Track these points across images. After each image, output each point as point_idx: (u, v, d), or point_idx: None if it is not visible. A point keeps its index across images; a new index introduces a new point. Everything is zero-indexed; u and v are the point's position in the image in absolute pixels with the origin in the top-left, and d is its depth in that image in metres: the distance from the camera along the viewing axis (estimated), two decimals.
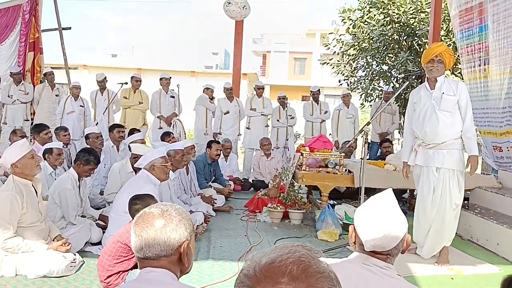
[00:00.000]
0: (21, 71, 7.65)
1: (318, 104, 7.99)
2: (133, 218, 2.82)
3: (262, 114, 7.79)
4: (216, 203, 5.40)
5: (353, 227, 1.56)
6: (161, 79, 7.64)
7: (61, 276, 3.02)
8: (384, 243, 1.46)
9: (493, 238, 4.04)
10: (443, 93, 3.52)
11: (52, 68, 7.95)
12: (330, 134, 7.40)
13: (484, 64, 6.08)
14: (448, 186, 3.56)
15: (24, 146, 3.18)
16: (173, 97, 7.59)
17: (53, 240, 3.26)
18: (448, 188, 3.57)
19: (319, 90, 8.14)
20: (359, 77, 12.95)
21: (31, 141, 5.65)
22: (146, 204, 2.79)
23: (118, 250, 2.65)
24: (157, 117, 7.53)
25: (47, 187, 3.96)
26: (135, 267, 2.70)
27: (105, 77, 7.65)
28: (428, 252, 3.72)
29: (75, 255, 3.23)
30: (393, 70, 11.94)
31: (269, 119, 8.19)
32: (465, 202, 4.27)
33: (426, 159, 3.64)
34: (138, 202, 2.83)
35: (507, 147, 5.72)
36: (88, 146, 5.20)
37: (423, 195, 3.70)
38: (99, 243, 3.63)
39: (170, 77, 7.72)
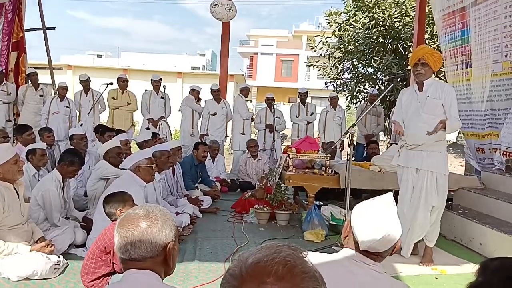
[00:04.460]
0: (4, 71, 7.51)
1: (305, 106, 8.05)
2: (109, 217, 2.84)
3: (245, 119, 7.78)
4: (202, 205, 5.39)
5: (349, 223, 1.59)
6: (151, 80, 7.62)
7: (44, 279, 2.97)
8: (380, 245, 1.52)
9: (476, 238, 4.11)
10: (428, 96, 3.57)
11: (35, 68, 7.82)
12: (318, 136, 7.41)
13: (467, 67, 6.19)
14: (425, 187, 3.60)
15: (8, 151, 3.10)
16: (163, 98, 7.56)
17: (36, 242, 3.21)
18: (425, 189, 3.60)
19: (306, 92, 8.19)
20: (345, 79, 13.06)
21: (14, 142, 5.54)
22: (120, 199, 2.81)
23: (96, 252, 2.65)
24: (147, 119, 7.49)
25: (30, 189, 3.89)
26: (113, 272, 2.68)
27: (89, 77, 7.58)
28: (405, 250, 3.76)
29: (59, 257, 3.18)
30: (378, 73, 12.09)
31: (253, 120, 8.15)
32: (449, 203, 4.33)
33: (407, 160, 3.70)
34: (112, 199, 2.87)
35: (489, 149, 5.83)
36: (73, 147, 5.14)
37: (402, 195, 3.75)
38: (83, 245, 3.59)
39: (160, 79, 7.69)
